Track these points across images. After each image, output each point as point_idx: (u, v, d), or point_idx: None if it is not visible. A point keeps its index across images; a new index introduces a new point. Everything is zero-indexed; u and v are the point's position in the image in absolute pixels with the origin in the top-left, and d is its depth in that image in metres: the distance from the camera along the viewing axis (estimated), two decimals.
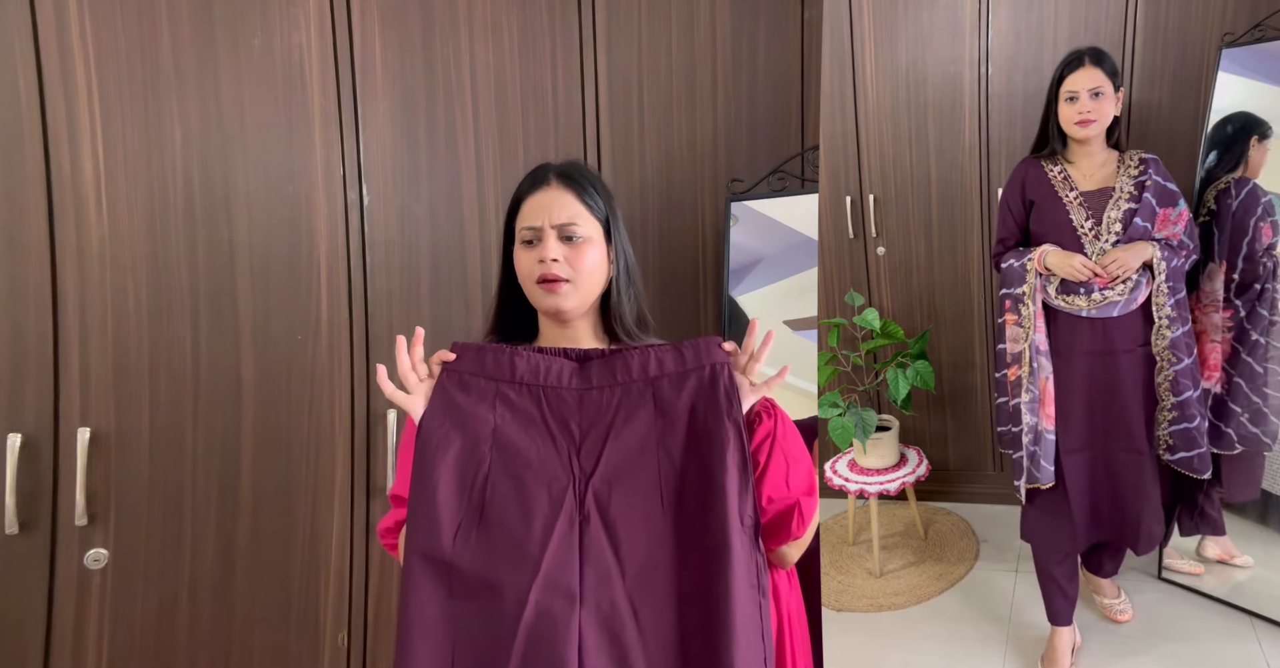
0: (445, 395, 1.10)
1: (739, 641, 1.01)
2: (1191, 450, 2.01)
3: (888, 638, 2.28)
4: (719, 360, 1.13)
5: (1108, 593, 2.26)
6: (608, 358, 1.13)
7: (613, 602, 1.03)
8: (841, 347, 2.65)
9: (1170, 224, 2.00)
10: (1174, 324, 1.98)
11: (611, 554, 1.05)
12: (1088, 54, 1.99)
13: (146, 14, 1.67)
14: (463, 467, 1.08)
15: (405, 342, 1.12)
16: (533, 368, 1.11)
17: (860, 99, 2.73)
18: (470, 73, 1.97)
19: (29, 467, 1.60)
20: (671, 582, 1.05)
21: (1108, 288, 1.96)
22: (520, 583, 1.03)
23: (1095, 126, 1.99)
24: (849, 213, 2.76)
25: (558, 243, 1.19)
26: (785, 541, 1.28)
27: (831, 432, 2.43)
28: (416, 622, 1.03)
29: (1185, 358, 1.99)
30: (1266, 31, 2.19)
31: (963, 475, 2.89)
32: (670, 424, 1.10)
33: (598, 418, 1.10)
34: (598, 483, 1.08)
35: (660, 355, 1.12)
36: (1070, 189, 2.05)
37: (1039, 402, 2.03)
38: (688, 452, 1.09)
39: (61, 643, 1.64)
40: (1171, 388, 2.00)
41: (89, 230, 1.64)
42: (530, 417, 1.10)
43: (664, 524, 1.07)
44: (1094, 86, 1.97)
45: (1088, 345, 2.02)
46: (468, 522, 1.06)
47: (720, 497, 1.06)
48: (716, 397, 1.10)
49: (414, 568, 1.04)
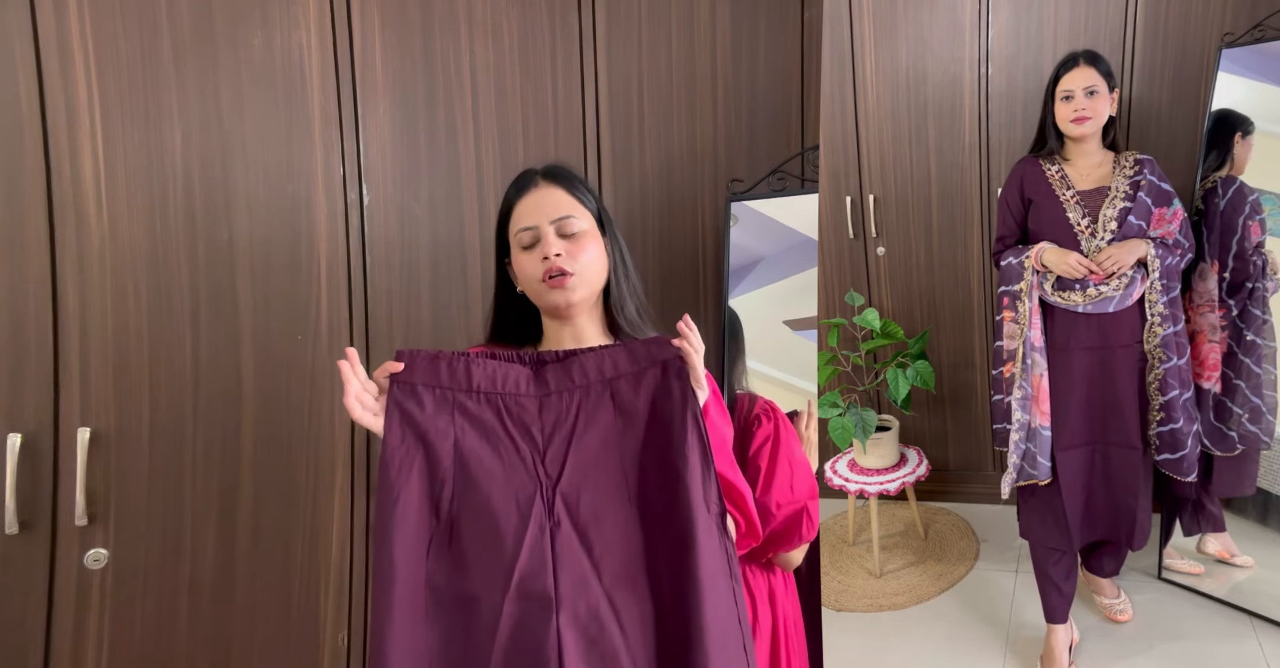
0: (401, 411, 1.08)
1: (712, 630, 1.02)
2: (1176, 453, 2.02)
3: (888, 638, 2.28)
4: (670, 355, 1.13)
5: (1108, 593, 2.27)
6: (564, 362, 1.12)
7: (591, 604, 1.03)
8: (841, 347, 2.65)
9: (1165, 223, 2.02)
10: (1166, 322, 2.00)
11: (585, 557, 1.05)
12: (1082, 55, 2.04)
13: (146, 14, 1.67)
14: (428, 483, 1.06)
15: (348, 367, 1.06)
16: (489, 376, 1.09)
17: (860, 99, 2.73)
18: (470, 73, 1.97)
19: (29, 467, 1.60)
20: (647, 577, 1.06)
21: (1103, 284, 1.98)
22: (494, 595, 1.02)
23: (1090, 124, 2.03)
24: (849, 213, 2.76)
25: (558, 239, 1.20)
26: (797, 544, 1.28)
27: (831, 432, 2.43)
28: (393, 644, 1.02)
29: (1174, 357, 2.00)
30: (1266, 31, 2.19)
31: (963, 475, 2.89)
32: (630, 423, 1.10)
33: (559, 423, 1.10)
34: (565, 488, 1.07)
35: (614, 356, 1.12)
36: (1067, 188, 2.08)
37: (1032, 398, 2.05)
38: (649, 449, 1.10)
39: (61, 643, 1.64)
40: (1160, 387, 2.02)
41: (89, 230, 1.64)
42: (490, 426, 1.09)
43: (633, 522, 1.08)
44: (1088, 85, 2.01)
45: (1084, 341, 2.04)
46: (439, 538, 1.05)
47: (683, 489, 1.06)
48: (671, 392, 1.10)
49: (387, 589, 1.03)
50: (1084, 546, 2.15)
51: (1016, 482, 2.09)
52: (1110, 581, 2.28)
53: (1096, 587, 2.29)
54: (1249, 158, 2.11)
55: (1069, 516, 2.06)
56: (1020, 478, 2.08)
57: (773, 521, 1.24)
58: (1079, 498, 2.07)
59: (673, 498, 1.07)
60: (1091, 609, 2.27)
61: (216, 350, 1.74)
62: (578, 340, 1.25)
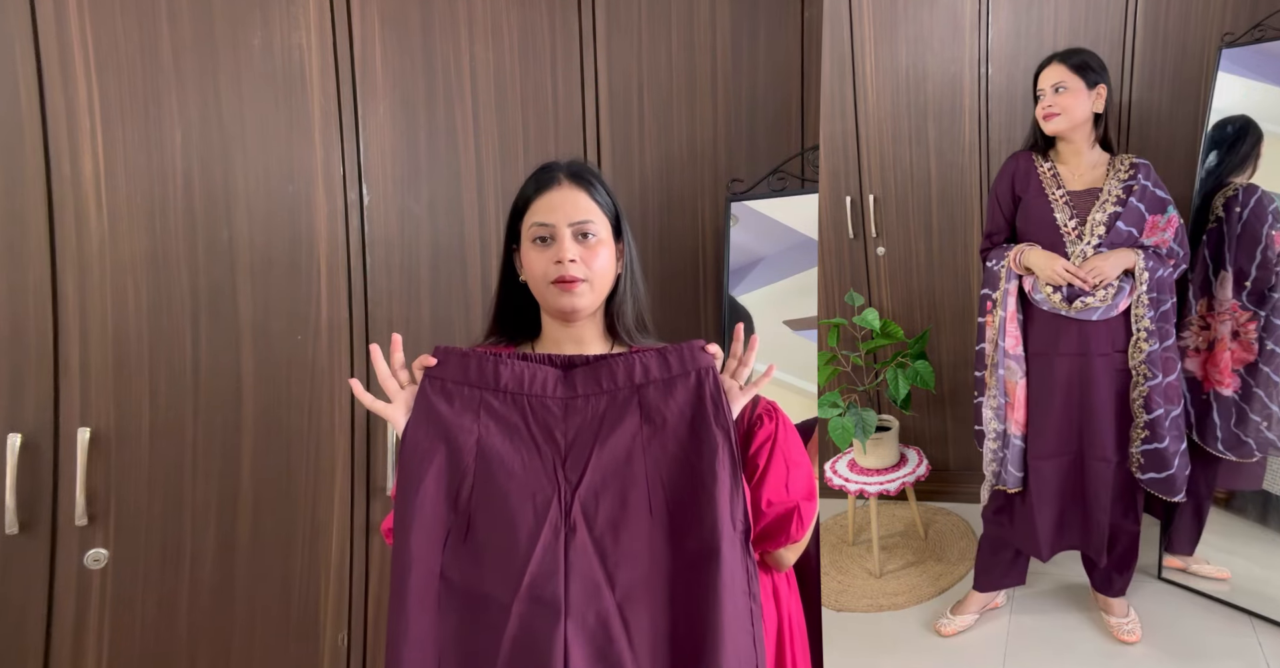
0: (428, 404, 1.08)
1: (728, 648, 1.00)
2: (1162, 472, 1.99)
3: (887, 638, 2.28)
4: (705, 365, 1.11)
5: (1116, 612, 2.18)
6: (593, 365, 1.11)
7: (601, 614, 1.02)
8: (841, 347, 2.65)
9: (1159, 231, 1.98)
10: (1152, 338, 1.95)
11: (599, 566, 1.03)
12: (1058, 54, 2.05)
13: (146, 14, 1.67)
14: (448, 478, 1.06)
15: (381, 349, 1.09)
16: (517, 376, 1.09)
17: (860, 99, 2.73)
18: (470, 73, 1.97)
19: (29, 467, 1.60)
20: (664, 591, 1.04)
21: (1088, 295, 1.95)
22: (505, 595, 1.02)
23: (1060, 121, 2.01)
24: (849, 213, 2.76)
25: (574, 243, 1.18)
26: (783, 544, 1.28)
27: (831, 432, 2.43)
28: (407, 630, 1.01)
29: (1160, 375, 1.96)
30: (1266, 31, 2.19)
31: (963, 475, 2.89)
32: (657, 432, 1.08)
33: (583, 427, 1.09)
34: (584, 494, 1.06)
35: (645, 362, 1.10)
36: (1058, 187, 2.05)
37: (1008, 406, 2.03)
38: (676, 460, 1.07)
39: (61, 643, 1.64)
40: (1145, 405, 1.97)
41: (89, 230, 1.64)
42: (514, 427, 1.08)
43: (654, 534, 1.05)
44: (1056, 82, 2.01)
45: (1065, 347, 2.01)
46: (455, 533, 1.05)
47: (710, 504, 1.04)
48: (704, 403, 1.08)
49: (404, 576, 1.03)
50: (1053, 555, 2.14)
51: (994, 486, 2.11)
52: (1120, 599, 2.19)
53: (1105, 605, 2.21)
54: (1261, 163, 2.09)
55: (1039, 527, 2.05)
56: (997, 483, 2.10)
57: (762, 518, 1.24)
58: (1051, 509, 2.05)
59: (699, 513, 1.05)
60: (1097, 626, 2.21)
61: (216, 350, 1.74)
62: (576, 342, 1.24)
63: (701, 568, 1.03)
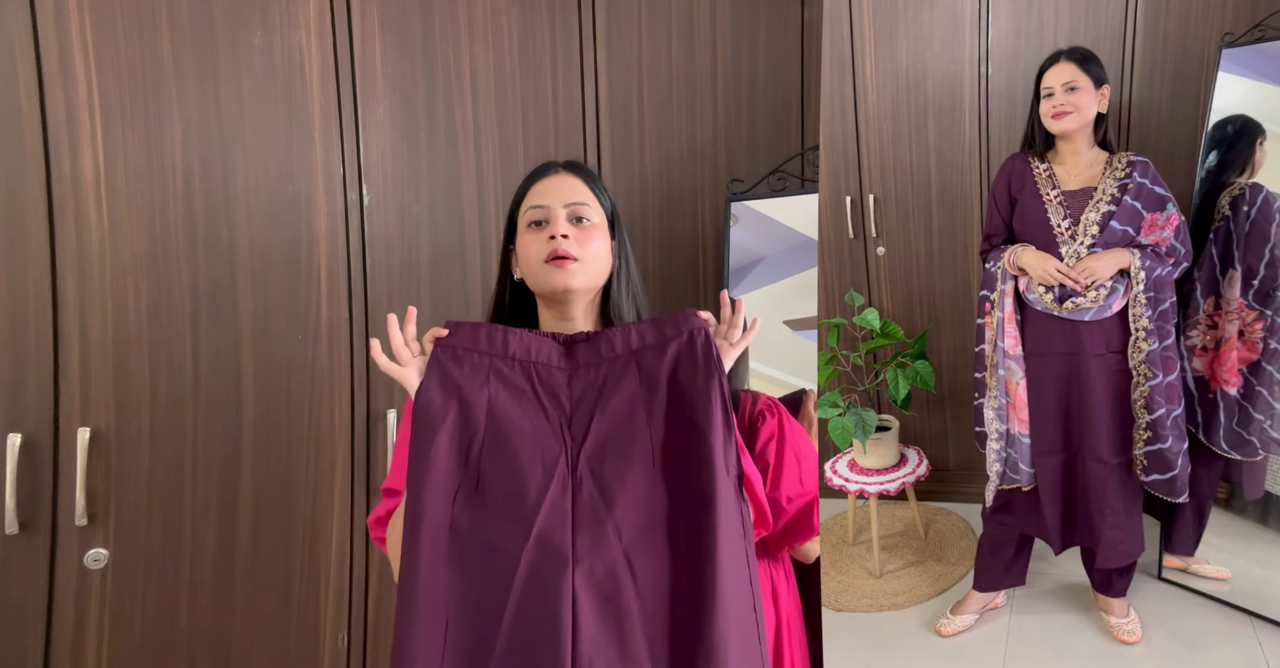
0: (441, 368, 1.13)
1: (726, 586, 1.04)
2: (1166, 473, 1.97)
3: (887, 638, 2.28)
4: (696, 325, 1.15)
5: (1116, 612, 2.17)
6: (591, 339, 1.16)
7: (608, 563, 1.05)
8: (841, 347, 2.65)
9: (1158, 229, 1.97)
10: (1151, 337, 1.94)
11: (606, 517, 1.07)
12: (1065, 52, 2.02)
13: (146, 14, 1.67)
14: (459, 435, 1.11)
15: (397, 319, 1.13)
16: (524, 345, 1.14)
17: (860, 99, 2.73)
18: (470, 73, 1.97)
19: (29, 467, 1.60)
20: (665, 537, 1.08)
21: (1079, 296, 1.94)
22: (514, 546, 1.05)
23: (1072, 119, 1.99)
24: (849, 213, 2.76)
25: (568, 223, 1.20)
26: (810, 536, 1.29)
27: (831, 432, 2.43)
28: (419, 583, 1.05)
29: (1161, 374, 1.94)
30: (1266, 31, 2.19)
31: (963, 475, 2.89)
32: (654, 389, 1.13)
33: (586, 391, 1.13)
34: (589, 450, 1.10)
35: (640, 330, 1.15)
36: (1052, 187, 2.03)
37: (1010, 406, 2.03)
38: (673, 411, 1.12)
39: (61, 643, 1.64)
40: (1146, 405, 1.96)
41: (89, 230, 1.64)
42: (522, 390, 1.13)
43: (656, 483, 1.10)
44: (1067, 81, 1.99)
45: (1058, 346, 2.00)
46: (466, 487, 1.09)
47: (706, 448, 1.08)
48: (695, 357, 1.13)
49: (416, 530, 1.07)
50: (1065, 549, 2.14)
51: (1000, 486, 2.09)
52: (1120, 599, 2.18)
53: (1105, 605, 2.20)
54: (1264, 163, 2.09)
55: (1048, 521, 2.05)
56: (1003, 482, 2.08)
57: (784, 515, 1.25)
58: (1058, 505, 2.05)
59: (694, 457, 1.09)
60: (1097, 626, 2.21)
61: (216, 350, 1.74)
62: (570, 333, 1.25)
63: (700, 510, 1.07)
